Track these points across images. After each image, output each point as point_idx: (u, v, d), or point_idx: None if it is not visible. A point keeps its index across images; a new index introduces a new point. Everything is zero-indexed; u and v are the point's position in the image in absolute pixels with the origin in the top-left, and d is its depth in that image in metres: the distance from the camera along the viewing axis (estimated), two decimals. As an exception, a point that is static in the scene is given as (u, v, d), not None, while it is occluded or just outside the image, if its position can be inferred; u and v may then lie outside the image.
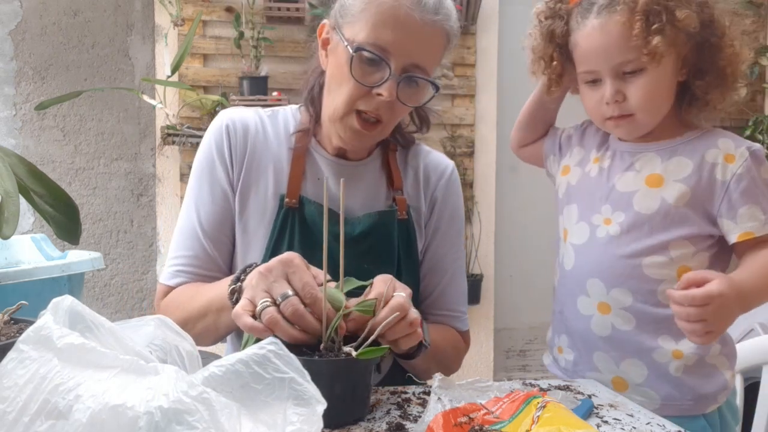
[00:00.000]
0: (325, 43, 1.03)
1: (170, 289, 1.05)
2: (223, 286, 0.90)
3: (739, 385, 1.30)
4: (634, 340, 1.02)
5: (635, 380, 1.03)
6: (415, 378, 1.10)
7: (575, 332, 1.09)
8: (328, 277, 0.78)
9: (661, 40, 0.94)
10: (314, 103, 1.08)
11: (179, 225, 1.07)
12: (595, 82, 1.03)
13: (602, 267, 1.04)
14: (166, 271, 1.06)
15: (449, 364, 1.11)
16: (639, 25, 0.94)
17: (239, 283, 0.86)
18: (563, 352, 1.12)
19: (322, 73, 1.07)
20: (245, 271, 0.87)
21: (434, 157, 1.18)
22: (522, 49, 1.13)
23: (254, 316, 0.77)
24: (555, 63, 1.08)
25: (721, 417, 1.04)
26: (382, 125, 0.99)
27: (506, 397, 0.76)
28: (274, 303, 0.77)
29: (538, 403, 0.73)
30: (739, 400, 1.24)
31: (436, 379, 0.76)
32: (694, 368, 1.01)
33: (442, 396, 0.74)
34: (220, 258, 1.05)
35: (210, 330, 0.96)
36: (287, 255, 0.81)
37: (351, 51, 0.94)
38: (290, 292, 0.77)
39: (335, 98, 0.99)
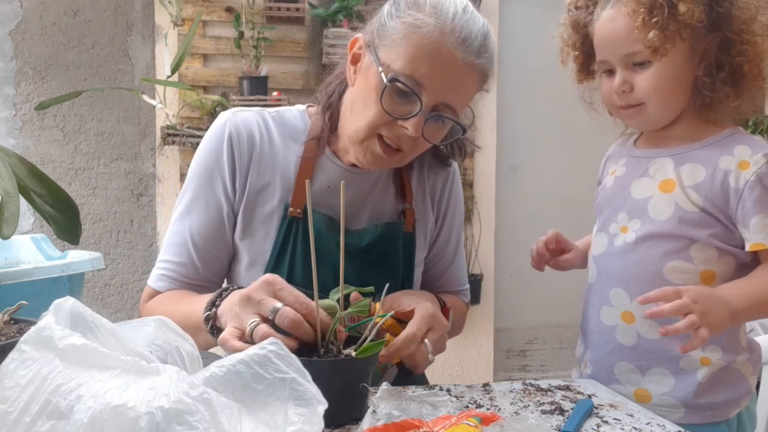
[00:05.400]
0: (356, 59, 0.98)
1: (155, 292, 1.05)
2: (202, 305, 0.89)
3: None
4: (661, 348, 1.00)
5: (660, 390, 1.01)
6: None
7: (596, 344, 1.08)
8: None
9: (657, 34, 0.93)
10: (332, 111, 1.04)
11: (172, 229, 1.06)
12: (610, 72, 1.03)
13: (624, 276, 1.03)
14: (154, 272, 1.06)
15: (459, 329, 1.21)
16: (641, 18, 0.94)
17: (214, 309, 0.85)
18: (586, 366, 1.10)
19: (343, 82, 1.04)
20: (221, 295, 0.87)
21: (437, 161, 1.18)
22: (552, 39, 1.14)
23: (241, 339, 0.77)
24: (577, 53, 1.09)
25: (739, 422, 1.02)
26: (402, 154, 0.97)
27: (457, 416, 0.71)
28: (264, 321, 0.77)
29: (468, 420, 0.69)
30: (759, 407, 1.18)
31: (380, 389, 0.74)
32: (721, 374, 0.99)
33: (379, 408, 0.69)
34: (206, 269, 1.05)
35: None
36: (269, 276, 0.81)
37: (385, 80, 0.89)
38: (280, 305, 0.77)
39: (357, 120, 0.96)
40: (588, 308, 1.11)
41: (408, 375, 0.99)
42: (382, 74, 0.90)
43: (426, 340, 0.90)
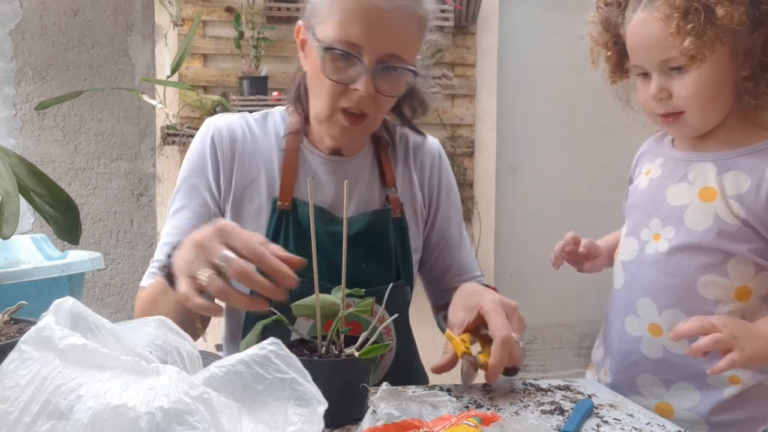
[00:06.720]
0: (303, 44, 1.03)
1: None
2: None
3: None
4: (688, 364, 0.95)
5: (685, 405, 0.97)
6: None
7: (618, 354, 1.04)
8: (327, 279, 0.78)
9: (694, 41, 0.86)
10: (302, 103, 1.08)
11: (164, 231, 1.07)
12: (646, 75, 0.97)
13: (653, 286, 0.98)
14: (146, 273, 1.06)
15: None
16: (675, 23, 0.87)
17: (170, 260, 0.83)
18: (606, 374, 1.07)
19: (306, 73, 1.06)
20: (176, 247, 0.84)
21: (421, 142, 1.19)
22: (580, 38, 1.08)
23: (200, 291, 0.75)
24: (609, 53, 1.03)
25: None
26: (369, 118, 0.99)
27: (457, 416, 0.71)
28: (218, 273, 0.74)
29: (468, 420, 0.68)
30: None
31: (380, 389, 0.73)
32: (749, 392, 0.95)
33: (379, 408, 0.69)
34: None
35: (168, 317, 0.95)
36: (220, 222, 0.78)
37: (321, 51, 0.94)
38: (231, 255, 0.74)
39: (317, 99, 0.99)
40: (611, 315, 1.07)
41: (512, 374, 1.01)
42: (319, 47, 0.94)
43: (513, 334, 0.88)
